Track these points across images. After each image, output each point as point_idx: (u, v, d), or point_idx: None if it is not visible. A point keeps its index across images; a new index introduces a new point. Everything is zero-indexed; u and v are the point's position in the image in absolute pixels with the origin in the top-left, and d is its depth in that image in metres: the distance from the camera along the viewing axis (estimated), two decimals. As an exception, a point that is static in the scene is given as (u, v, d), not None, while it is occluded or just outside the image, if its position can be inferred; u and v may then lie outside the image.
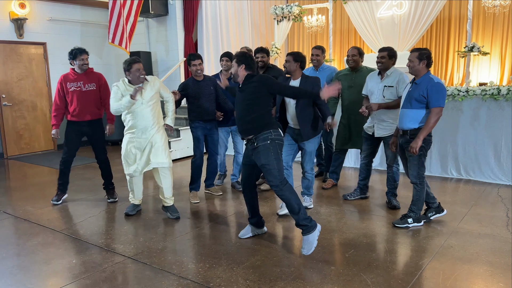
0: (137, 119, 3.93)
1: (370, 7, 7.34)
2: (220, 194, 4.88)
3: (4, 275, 3.02)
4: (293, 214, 3.22)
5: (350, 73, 4.58)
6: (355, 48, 4.53)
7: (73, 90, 4.49)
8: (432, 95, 3.41)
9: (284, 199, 3.24)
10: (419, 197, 3.67)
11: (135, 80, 3.90)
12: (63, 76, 4.56)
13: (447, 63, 8.24)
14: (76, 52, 4.46)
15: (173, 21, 7.94)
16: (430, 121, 3.44)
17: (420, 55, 3.48)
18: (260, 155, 3.25)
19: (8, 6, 7.46)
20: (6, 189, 5.45)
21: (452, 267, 2.96)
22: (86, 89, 4.53)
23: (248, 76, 3.37)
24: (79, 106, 4.50)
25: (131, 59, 3.89)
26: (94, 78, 4.60)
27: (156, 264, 3.11)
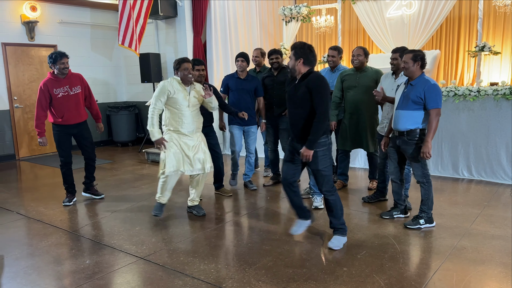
0: (179, 118, 3.90)
1: (379, 7, 7.30)
2: (230, 195, 4.90)
3: (18, 275, 3.06)
4: (334, 218, 3.36)
5: (354, 73, 4.57)
6: (360, 48, 4.52)
7: (62, 95, 4.48)
8: (429, 97, 3.44)
9: (332, 204, 3.33)
10: (428, 195, 3.67)
11: (185, 79, 3.89)
12: (46, 82, 4.45)
13: (457, 63, 8.17)
14: (56, 56, 4.40)
15: (182, 22, 7.98)
16: (433, 123, 3.46)
17: (415, 56, 3.49)
18: (318, 160, 3.23)
19: (19, 9, 7.55)
20: (18, 190, 5.51)
21: (465, 268, 2.94)
22: (74, 92, 4.56)
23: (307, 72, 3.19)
24: (70, 110, 4.53)
25: (180, 58, 3.91)
26: (78, 81, 4.63)
27: (168, 265, 3.13)
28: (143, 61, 7.94)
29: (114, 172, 6.41)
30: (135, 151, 8.25)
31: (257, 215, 4.19)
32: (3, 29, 7.39)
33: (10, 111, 7.55)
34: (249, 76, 4.91)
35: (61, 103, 4.49)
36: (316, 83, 3.13)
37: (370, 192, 4.82)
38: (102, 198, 4.94)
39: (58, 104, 4.49)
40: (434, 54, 7.43)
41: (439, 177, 5.42)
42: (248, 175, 5.18)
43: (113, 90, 9.21)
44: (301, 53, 3.17)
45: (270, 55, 4.89)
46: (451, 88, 5.24)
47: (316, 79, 3.14)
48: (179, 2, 7.87)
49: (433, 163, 5.52)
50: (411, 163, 3.66)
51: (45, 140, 4.55)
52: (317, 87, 3.12)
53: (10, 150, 7.61)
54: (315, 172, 3.30)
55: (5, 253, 3.45)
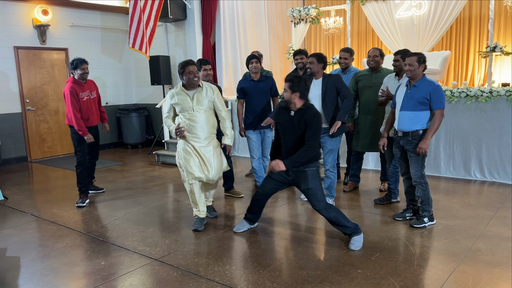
0: (192, 123, 3.75)
1: (388, 8, 7.28)
2: (241, 196, 4.91)
3: (35, 276, 3.10)
4: (343, 227, 3.41)
5: (369, 73, 4.57)
6: (377, 49, 4.51)
7: (85, 99, 4.80)
8: (435, 97, 3.53)
9: (333, 219, 3.39)
10: (427, 195, 3.75)
11: (190, 83, 3.74)
12: (73, 86, 4.67)
13: (468, 64, 8.11)
14: (77, 62, 4.70)
15: (191, 25, 8.02)
16: (436, 123, 3.56)
17: (419, 59, 3.58)
18: (308, 179, 3.37)
19: (31, 13, 7.64)
20: (31, 192, 5.57)
21: (481, 271, 2.93)
22: (93, 96, 4.93)
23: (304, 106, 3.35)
24: (92, 113, 4.88)
25: (184, 62, 3.75)
26: (94, 86, 5.00)
27: (183, 266, 3.14)
28: (153, 64, 7.99)
29: (125, 174, 6.46)
30: (145, 153, 8.30)
31: (269, 217, 4.20)
32: (15, 32, 7.48)
33: (22, 113, 7.64)
34: (262, 77, 4.87)
35: (86, 106, 4.80)
36: (313, 118, 3.31)
37: (382, 194, 4.81)
38: (103, 191, 5.39)
39: (84, 107, 4.77)
40: (445, 55, 7.39)
41: (451, 178, 5.39)
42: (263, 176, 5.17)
43: (123, 93, 9.27)
44: (298, 87, 3.30)
45: (295, 56, 4.90)
46: (463, 89, 5.22)
47: (314, 115, 3.33)
48: (189, 5, 7.91)
49: (445, 165, 5.49)
50: (411, 163, 3.73)
51: (90, 136, 4.75)
52: (313, 123, 3.30)
53: (23, 152, 7.69)
54: (307, 192, 3.41)
55: (21, 255, 3.49)
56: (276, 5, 9.27)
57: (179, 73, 3.77)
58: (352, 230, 3.39)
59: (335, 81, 4.13)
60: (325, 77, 4.18)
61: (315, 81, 4.22)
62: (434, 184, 5.14)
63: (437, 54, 7.51)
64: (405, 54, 4.00)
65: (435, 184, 5.12)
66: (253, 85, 4.80)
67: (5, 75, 7.42)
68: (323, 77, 4.19)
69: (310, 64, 4.16)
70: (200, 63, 4.42)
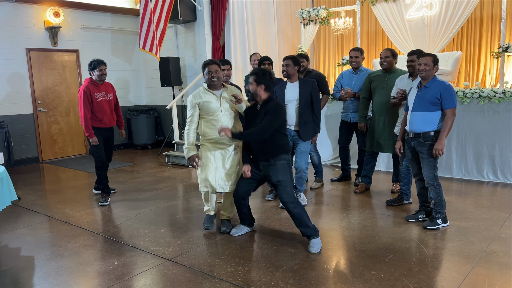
0: (214, 128, 3.57)
1: (399, 8, 7.24)
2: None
3: (50, 275, 3.12)
4: (302, 227, 3.43)
5: (383, 74, 4.55)
6: (388, 50, 4.49)
7: (100, 100, 4.83)
8: (446, 97, 3.53)
9: (296, 215, 3.42)
10: (440, 197, 3.73)
11: (209, 83, 3.59)
12: (88, 86, 4.75)
13: (479, 64, 8.04)
14: (95, 63, 4.76)
15: (201, 26, 8.05)
16: (448, 122, 3.55)
17: (434, 60, 3.59)
18: (278, 172, 3.42)
19: (43, 15, 7.72)
20: (43, 192, 5.62)
21: (497, 273, 2.89)
22: (109, 98, 4.96)
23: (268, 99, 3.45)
24: (107, 114, 4.90)
25: (205, 61, 3.61)
26: (111, 88, 5.06)
27: (195, 267, 3.15)
28: (162, 65, 8.03)
29: (136, 174, 6.49)
30: (155, 154, 8.33)
31: (281, 217, 4.19)
32: (27, 34, 7.57)
33: (34, 115, 7.72)
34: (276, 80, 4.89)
35: (101, 107, 4.83)
36: (273, 108, 3.37)
37: (393, 195, 4.78)
38: (114, 192, 5.38)
39: (98, 108, 4.80)
40: (456, 55, 7.33)
41: (463, 180, 5.34)
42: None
43: (133, 94, 9.33)
44: (263, 80, 3.39)
45: None
46: (476, 89, 5.17)
47: (275, 106, 3.39)
48: (198, 6, 7.94)
49: (457, 166, 5.44)
50: (423, 165, 3.70)
51: (96, 139, 4.80)
52: (272, 111, 3.35)
53: (34, 153, 7.77)
54: (276, 184, 3.44)
55: (35, 254, 3.52)
56: (286, 6, 9.27)
57: (203, 73, 3.64)
58: (312, 231, 3.41)
59: (313, 84, 4.26)
60: (300, 80, 4.30)
61: (290, 84, 4.32)
62: (446, 185, 5.10)
63: (448, 54, 7.45)
64: (420, 54, 3.99)
65: (447, 186, 5.08)
66: None
67: (17, 77, 7.50)
68: (299, 81, 4.29)
69: (286, 67, 4.24)
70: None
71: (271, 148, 3.42)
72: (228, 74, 4.42)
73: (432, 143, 3.61)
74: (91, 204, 4.96)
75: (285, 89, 4.31)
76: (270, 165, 3.44)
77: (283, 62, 4.26)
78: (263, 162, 3.47)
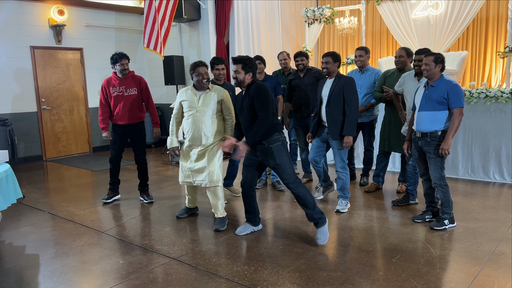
0: (193, 126, 3.80)
1: (404, 8, 7.21)
2: (238, 195, 4.93)
3: (55, 273, 3.11)
4: (307, 209, 3.44)
5: (396, 73, 4.52)
6: (403, 49, 4.46)
7: (116, 95, 4.66)
8: (453, 96, 3.50)
9: (300, 196, 3.42)
10: (447, 197, 3.70)
11: (199, 85, 3.81)
12: (106, 80, 4.71)
13: (485, 64, 8.00)
14: (116, 57, 4.59)
15: (205, 25, 8.03)
16: (455, 122, 3.52)
17: (436, 59, 3.56)
18: (274, 155, 3.41)
19: (47, 13, 7.72)
20: (47, 191, 5.61)
21: (506, 274, 2.86)
22: (128, 93, 4.68)
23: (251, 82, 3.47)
24: (122, 110, 4.66)
25: (194, 63, 3.81)
26: (136, 83, 4.73)
27: (201, 266, 3.13)
28: (166, 64, 8.01)
29: (140, 173, 6.47)
30: (158, 153, 8.32)
31: (286, 217, 4.17)
32: (31, 32, 7.56)
33: (38, 113, 7.72)
34: (266, 76, 5.05)
35: (115, 102, 4.67)
36: (257, 91, 3.37)
37: (399, 195, 4.75)
38: (151, 202, 4.85)
39: (113, 103, 4.69)
40: (462, 55, 7.29)
41: (469, 180, 5.31)
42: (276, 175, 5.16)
43: (137, 93, 9.31)
44: (251, 68, 3.44)
45: (295, 58, 4.99)
46: (482, 89, 5.13)
47: (257, 87, 3.38)
48: (203, 5, 7.92)
49: (463, 167, 5.41)
50: (430, 165, 3.68)
51: (108, 134, 4.77)
52: (258, 95, 3.35)
53: (38, 151, 7.77)
54: (276, 168, 3.44)
55: (40, 252, 3.51)
56: (290, 5, 9.24)
57: (190, 73, 3.85)
58: (318, 215, 3.41)
59: (344, 84, 4.06)
60: (337, 77, 4.16)
61: (329, 80, 4.22)
62: (452, 186, 5.06)
63: (454, 54, 7.41)
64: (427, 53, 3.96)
65: (453, 186, 5.04)
66: None
67: (21, 75, 7.50)
68: (335, 77, 4.16)
69: (326, 64, 4.14)
70: (213, 62, 4.46)
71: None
72: (222, 73, 4.49)
73: (439, 142, 3.58)
74: (95, 202, 4.95)
75: (323, 86, 4.23)
76: (265, 149, 3.43)
77: (323, 59, 4.17)
78: (259, 146, 3.46)
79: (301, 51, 5.02)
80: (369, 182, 5.18)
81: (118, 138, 4.78)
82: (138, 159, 4.88)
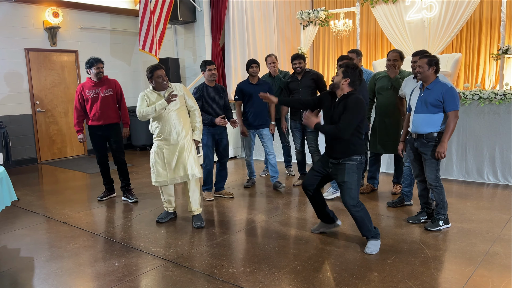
0: (163, 125, 3.91)
1: (398, 10, 7.26)
2: (231, 196, 4.98)
3: (50, 276, 3.09)
4: (365, 230, 3.36)
5: (388, 75, 4.54)
6: (396, 52, 4.48)
7: (92, 96, 4.78)
8: (448, 99, 3.52)
9: (358, 219, 3.35)
10: (442, 198, 3.74)
11: (159, 87, 3.92)
12: (81, 85, 4.85)
13: (478, 66, 8.07)
14: (92, 61, 4.73)
15: (200, 27, 8.04)
16: (451, 125, 3.54)
17: (429, 61, 3.57)
18: (345, 172, 3.28)
19: (42, 15, 7.70)
20: (42, 193, 5.58)
21: (500, 274, 2.88)
22: (104, 94, 4.81)
23: (349, 93, 3.27)
24: (99, 110, 4.78)
25: (152, 66, 3.91)
26: (111, 84, 4.89)
27: (197, 268, 3.13)
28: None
29: (135, 175, 6.46)
30: (153, 155, 8.29)
31: (282, 218, 4.18)
32: (26, 34, 7.54)
33: (32, 115, 7.68)
34: (260, 80, 5.19)
35: (91, 104, 4.79)
36: (353, 102, 3.19)
37: (394, 196, 4.77)
38: (136, 201, 4.96)
39: (88, 105, 4.80)
40: (456, 57, 7.35)
41: (463, 181, 5.34)
42: (275, 176, 5.24)
43: (132, 95, 9.27)
44: (351, 74, 3.23)
45: (293, 60, 5.02)
46: (476, 91, 5.17)
47: (355, 101, 3.20)
48: (198, 7, 7.93)
49: (457, 168, 5.44)
50: (426, 166, 3.70)
51: (83, 136, 4.93)
52: (351, 108, 3.18)
53: (32, 154, 7.73)
54: (341, 185, 3.33)
55: (34, 255, 3.49)
56: (285, 8, 9.28)
57: (148, 77, 3.93)
58: (372, 234, 3.35)
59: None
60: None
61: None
62: (447, 187, 5.08)
63: (448, 56, 7.47)
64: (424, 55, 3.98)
65: (448, 187, 5.07)
66: (251, 88, 5.07)
67: (16, 77, 7.47)
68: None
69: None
70: (205, 64, 4.68)
71: (342, 148, 3.27)
72: (214, 73, 4.67)
73: (436, 144, 3.60)
74: (90, 205, 4.93)
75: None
76: (338, 164, 3.31)
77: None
78: (333, 160, 3.35)
79: (298, 54, 5.06)
80: (364, 184, 5.20)
81: (98, 139, 4.90)
82: (118, 160, 4.99)
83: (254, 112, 5.05)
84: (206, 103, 4.69)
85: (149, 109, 3.85)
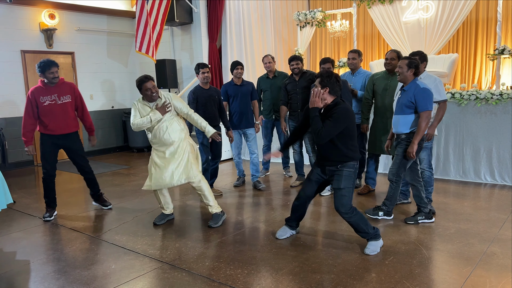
0: (157, 135, 3.93)
1: (395, 10, 7.27)
2: (220, 194, 5.11)
3: (46, 279, 3.07)
4: (362, 233, 3.35)
5: (386, 76, 4.54)
6: (394, 52, 4.48)
7: (48, 104, 4.24)
8: (419, 100, 3.60)
9: (354, 224, 3.34)
10: (394, 194, 3.93)
11: (148, 99, 3.90)
12: (34, 89, 4.24)
13: (475, 66, 8.09)
14: (44, 65, 4.14)
15: (197, 29, 8.03)
16: (421, 125, 3.62)
17: (410, 63, 3.65)
18: (341, 179, 3.29)
19: (38, 17, 7.67)
20: (39, 196, 5.55)
21: (498, 275, 2.88)
22: (62, 101, 4.31)
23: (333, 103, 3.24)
24: (56, 119, 4.28)
25: (139, 79, 3.82)
26: (69, 90, 4.38)
27: (194, 270, 3.11)
28: (159, 67, 7.99)
29: (132, 177, 6.44)
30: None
31: (279, 219, 4.17)
32: (22, 36, 7.51)
33: (29, 117, 7.63)
34: (244, 81, 5.31)
35: (47, 112, 4.25)
36: (336, 115, 3.16)
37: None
38: (110, 208, 4.76)
39: (44, 113, 4.25)
40: (453, 58, 7.36)
41: (460, 182, 5.35)
42: (255, 175, 5.36)
43: (129, 97, 9.27)
44: (328, 82, 3.19)
45: (290, 62, 5.04)
46: (473, 91, 5.18)
47: (339, 112, 3.16)
48: (195, 9, 7.93)
49: (454, 168, 5.45)
50: (394, 159, 3.85)
51: (31, 149, 4.34)
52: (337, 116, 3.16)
53: (29, 156, 7.68)
54: (336, 191, 3.34)
55: (31, 258, 3.47)
56: (282, 9, 9.28)
57: (139, 89, 3.89)
58: (370, 235, 3.33)
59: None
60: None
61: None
62: (444, 187, 5.10)
63: (444, 57, 7.48)
64: (422, 56, 4.02)
65: (445, 188, 5.08)
66: (236, 89, 5.21)
67: (12, 79, 7.44)
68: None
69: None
70: (199, 67, 4.79)
71: (337, 156, 3.27)
72: (207, 76, 4.78)
73: (408, 144, 3.72)
74: (87, 207, 4.91)
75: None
76: (336, 170, 3.31)
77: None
78: (330, 167, 3.34)
79: (296, 55, 5.09)
80: (361, 185, 5.20)
81: (53, 150, 4.39)
82: (85, 170, 4.58)
83: (239, 113, 5.19)
84: (201, 105, 4.79)
85: (144, 120, 3.84)
